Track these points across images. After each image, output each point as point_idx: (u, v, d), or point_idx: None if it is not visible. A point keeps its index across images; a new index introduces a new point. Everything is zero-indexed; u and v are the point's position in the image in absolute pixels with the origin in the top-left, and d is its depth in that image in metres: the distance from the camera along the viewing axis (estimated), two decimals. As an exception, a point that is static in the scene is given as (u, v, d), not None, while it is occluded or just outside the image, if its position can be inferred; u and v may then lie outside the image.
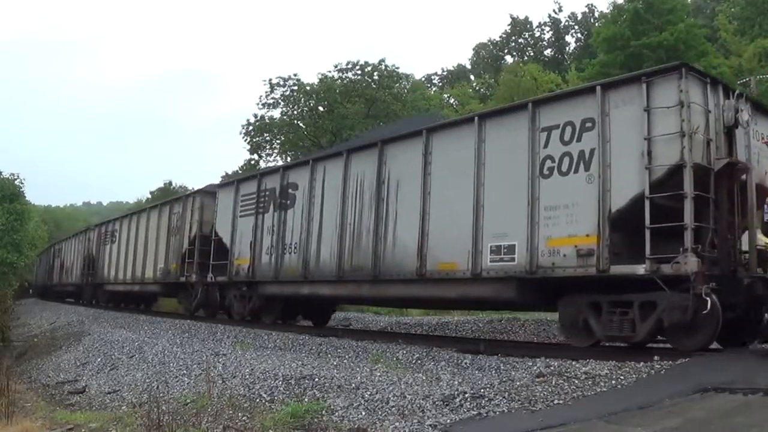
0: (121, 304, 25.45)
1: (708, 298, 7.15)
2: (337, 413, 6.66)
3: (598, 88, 8.41)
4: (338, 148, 13.82)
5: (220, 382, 8.91)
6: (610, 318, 8.14)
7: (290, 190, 13.80)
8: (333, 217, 12.35)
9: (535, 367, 7.43)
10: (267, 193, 14.56)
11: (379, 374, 7.93)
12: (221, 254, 15.85)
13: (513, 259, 8.98)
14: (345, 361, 9.43)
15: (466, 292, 9.90)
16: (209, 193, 17.71)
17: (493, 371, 7.82)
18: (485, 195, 9.54)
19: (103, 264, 25.72)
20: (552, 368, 7.24)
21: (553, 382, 6.69)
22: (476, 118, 9.91)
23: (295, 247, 13.28)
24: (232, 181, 16.71)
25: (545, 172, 8.78)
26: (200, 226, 17.31)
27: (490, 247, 9.30)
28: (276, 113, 31.29)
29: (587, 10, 49.26)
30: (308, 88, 30.31)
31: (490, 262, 9.29)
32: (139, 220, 22.30)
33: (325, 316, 16.35)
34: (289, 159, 29.81)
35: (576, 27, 50.35)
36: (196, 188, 23.18)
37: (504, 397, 6.33)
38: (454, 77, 54.36)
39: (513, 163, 9.19)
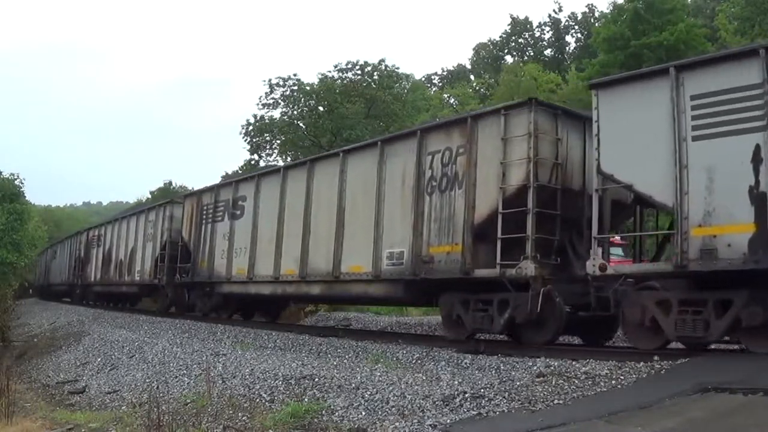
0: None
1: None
2: (337, 413, 6.66)
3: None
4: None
5: (220, 382, 8.92)
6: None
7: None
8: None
9: (535, 367, 7.44)
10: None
11: (379, 374, 7.94)
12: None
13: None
14: (345, 361, 9.44)
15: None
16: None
17: (493, 371, 7.82)
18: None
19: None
20: (552, 368, 7.25)
21: (553, 382, 6.69)
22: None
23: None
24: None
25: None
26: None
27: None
28: (276, 113, 31.29)
29: (587, 10, 49.12)
30: (308, 88, 30.28)
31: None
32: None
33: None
34: (289, 159, 29.79)
35: (576, 27, 50.26)
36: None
37: (504, 397, 6.33)
38: (454, 77, 54.28)
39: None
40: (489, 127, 9.52)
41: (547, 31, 51.57)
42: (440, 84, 55.71)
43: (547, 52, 51.18)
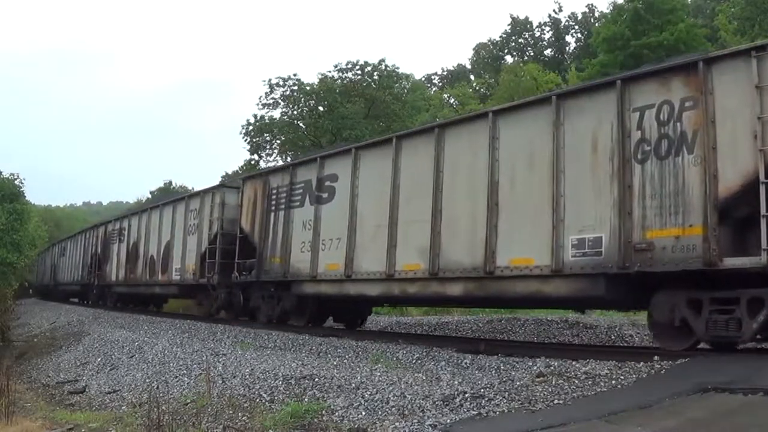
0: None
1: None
2: (337, 413, 6.66)
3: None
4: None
5: (220, 382, 8.92)
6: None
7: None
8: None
9: (535, 367, 7.44)
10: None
11: (379, 374, 7.93)
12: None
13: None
14: (345, 361, 9.44)
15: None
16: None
17: (493, 371, 7.82)
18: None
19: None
20: (552, 368, 7.25)
21: (553, 382, 6.69)
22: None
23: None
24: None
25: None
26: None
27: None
28: (276, 113, 31.31)
29: (587, 10, 49.24)
30: (308, 88, 30.30)
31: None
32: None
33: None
34: (289, 159, 29.79)
35: (576, 27, 50.33)
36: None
37: (504, 397, 6.33)
38: (454, 77, 54.32)
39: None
40: (731, 72, 7.46)
41: (547, 31, 51.67)
42: (440, 84, 55.76)
43: (547, 52, 51.25)
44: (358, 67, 30.70)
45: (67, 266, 32.76)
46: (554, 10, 51.69)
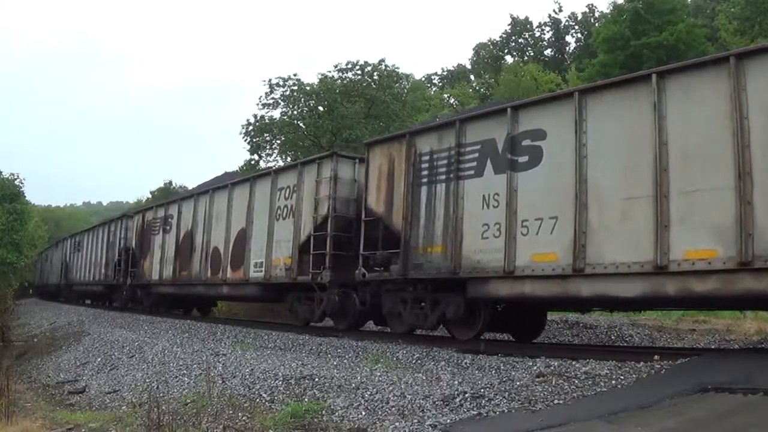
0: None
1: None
2: (337, 413, 6.66)
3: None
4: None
5: (220, 382, 8.91)
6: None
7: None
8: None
9: (535, 367, 7.44)
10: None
11: (379, 374, 7.93)
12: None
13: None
14: (345, 361, 9.43)
15: None
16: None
17: (493, 371, 7.82)
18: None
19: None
20: (552, 368, 7.24)
21: (553, 382, 6.69)
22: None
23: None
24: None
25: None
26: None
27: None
28: (276, 113, 31.28)
29: (587, 10, 49.20)
30: (308, 88, 30.28)
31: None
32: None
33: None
34: (289, 159, 29.77)
35: (576, 27, 50.32)
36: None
37: (504, 397, 6.33)
38: (454, 77, 54.31)
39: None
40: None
41: (547, 31, 51.66)
42: (440, 84, 55.73)
43: (547, 52, 51.25)
44: (358, 67, 30.66)
45: (83, 263, 28.35)
46: (554, 10, 51.72)
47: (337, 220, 12.43)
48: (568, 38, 51.33)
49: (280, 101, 30.93)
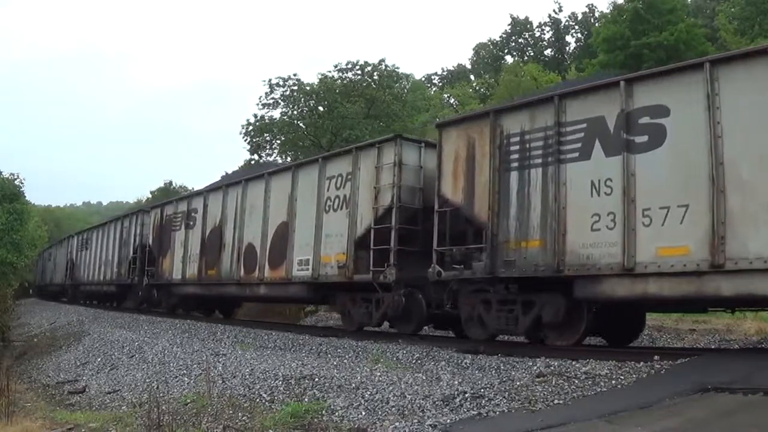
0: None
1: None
2: (337, 413, 6.66)
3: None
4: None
5: (220, 382, 8.92)
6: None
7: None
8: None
9: (535, 367, 7.44)
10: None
11: (379, 374, 7.93)
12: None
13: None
14: (345, 361, 9.43)
15: None
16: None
17: (493, 371, 7.82)
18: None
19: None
20: (552, 368, 7.25)
21: (553, 382, 6.69)
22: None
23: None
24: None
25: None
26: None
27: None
28: (276, 113, 31.30)
29: (587, 10, 49.16)
30: (308, 88, 30.30)
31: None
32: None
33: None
34: (289, 159, 29.76)
35: (576, 27, 50.30)
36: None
37: (504, 397, 6.33)
38: (454, 77, 54.29)
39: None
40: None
41: (547, 31, 51.64)
42: (440, 84, 55.71)
43: (547, 52, 51.24)
44: (358, 67, 30.69)
45: (91, 262, 26.85)
46: (554, 10, 51.65)
47: (402, 211, 11.14)
48: (568, 38, 51.34)
49: (280, 101, 30.97)
